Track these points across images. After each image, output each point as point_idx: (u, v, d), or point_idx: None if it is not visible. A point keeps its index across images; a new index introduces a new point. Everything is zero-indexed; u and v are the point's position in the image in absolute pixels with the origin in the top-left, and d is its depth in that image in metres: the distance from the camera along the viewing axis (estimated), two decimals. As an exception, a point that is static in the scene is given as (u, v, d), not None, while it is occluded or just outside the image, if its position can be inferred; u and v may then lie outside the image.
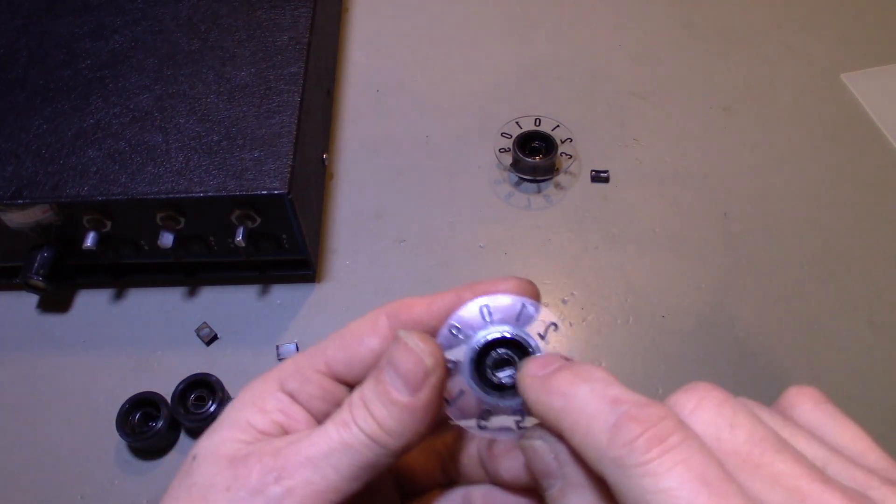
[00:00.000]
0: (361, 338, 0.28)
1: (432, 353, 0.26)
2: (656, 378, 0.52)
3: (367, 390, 0.27)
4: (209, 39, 0.57)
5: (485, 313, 0.28)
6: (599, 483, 0.23)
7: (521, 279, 0.29)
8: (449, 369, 0.28)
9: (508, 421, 0.28)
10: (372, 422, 0.26)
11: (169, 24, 0.58)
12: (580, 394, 0.22)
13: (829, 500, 0.19)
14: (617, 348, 0.54)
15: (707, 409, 0.21)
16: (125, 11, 0.59)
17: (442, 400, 0.27)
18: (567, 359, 0.29)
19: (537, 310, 0.29)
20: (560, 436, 0.23)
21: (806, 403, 0.23)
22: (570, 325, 0.55)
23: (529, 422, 0.26)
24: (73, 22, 0.58)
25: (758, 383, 0.52)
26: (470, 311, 0.28)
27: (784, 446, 0.20)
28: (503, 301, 0.28)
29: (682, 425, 0.20)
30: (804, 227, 0.60)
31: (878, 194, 0.62)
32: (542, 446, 0.25)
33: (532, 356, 0.26)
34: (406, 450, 0.27)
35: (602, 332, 0.55)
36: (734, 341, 0.54)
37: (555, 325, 0.29)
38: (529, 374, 0.25)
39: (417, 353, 0.26)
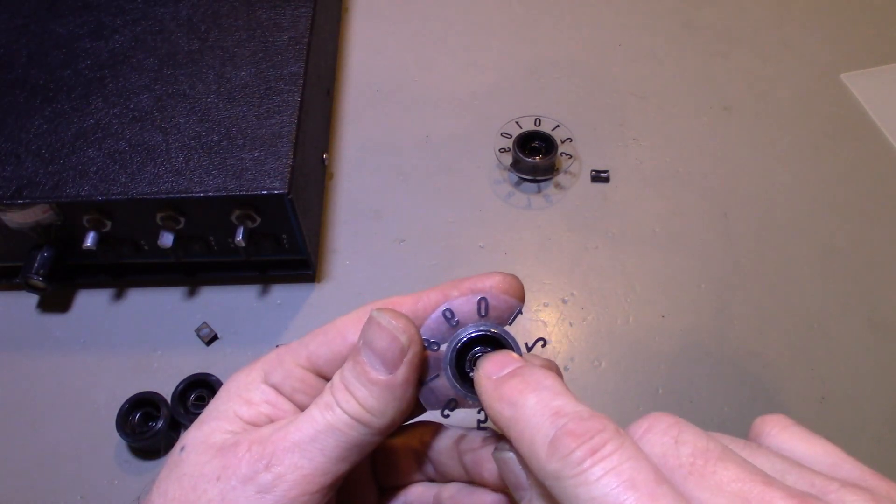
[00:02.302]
0: (345, 335, 0.29)
1: (406, 330, 0.26)
2: (656, 378, 0.52)
3: (346, 371, 0.27)
4: (209, 39, 0.57)
5: (481, 308, 0.28)
6: None
7: (506, 275, 0.29)
8: (433, 351, 0.28)
9: (475, 416, 0.29)
10: (354, 402, 0.26)
11: (169, 24, 0.58)
12: (527, 404, 0.23)
13: (771, 498, 0.19)
14: (617, 348, 0.54)
15: (655, 431, 0.22)
16: (125, 11, 0.59)
17: (419, 378, 0.28)
18: (549, 363, 0.29)
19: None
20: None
21: (773, 429, 0.24)
22: (571, 325, 0.55)
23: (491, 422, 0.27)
24: (73, 22, 0.58)
25: (758, 383, 0.52)
26: (468, 301, 0.28)
27: (728, 455, 0.21)
28: (501, 300, 0.29)
29: (618, 436, 0.21)
30: (804, 227, 0.60)
31: (877, 194, 0.62)
32: (513, 458, 0.25)
33: (491, 353, 0.27)
34: (391, 427, 0.27)
35: (602, 332, 0.55)
36: (734, 341, 0.54)
37: (543, 340, 0.29)
38: (484, 375, 0.25)
39: (391, 330, 0.26)
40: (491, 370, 0.25)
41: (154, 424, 0.48)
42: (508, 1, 0.77)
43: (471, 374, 0.28)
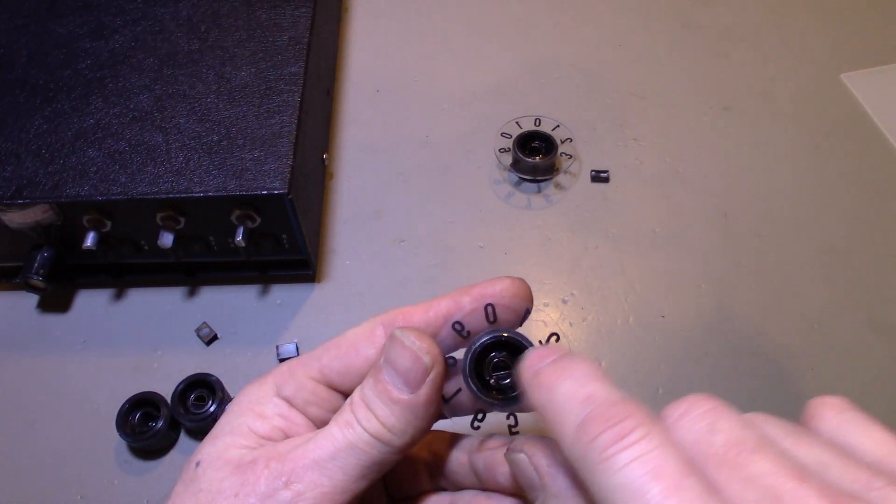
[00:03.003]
0: (357, 348, 0.29)
1: (429, 351, 0.26)
2: (656, 378, 0.52)
3: (367, 390, 0.27)
4: (209, 39, 0.57)
5: (489, 313, 0.28)
6: (581, 492, 0.23)
7: (515, 279, 0.29)
8: (449, 366, 0.28)
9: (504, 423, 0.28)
10: (375, 421, 0.26)
11: (169, 24, 0.58)
12: (560, 389, 0.22)
13: (804, 496, 0.18)
14: (617, 348, 0.54)
15: (691, 417, 0.21)
16: (125, 11, 0.59)
17: (441, 396, 0.27)
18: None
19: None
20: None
21: (827, 413, 0.23)
22: (571, 325, 0.55)
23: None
24: (73, 22, 0.58)
25: (758, 383, 0.52)
26: (475, 310, 0.28)
27: (763, 447, 0.20)
28: (509, 302, 0.28)
29: (647, 423, 0.20)
30: (804, 227, 0.60)
31: (878, 194, 0.62)
32: (524, 460, 0.25)
33: (534, 347, 0.26)
34: (410, 445, 0.27)
35: (602, 332, 0.55)
36: (734, 341, 0.54)
37: (556, 335, 0.29)
38: (526, 366, 0.25)
39: (414, 350, 0.26)
40: (533, 361, 0.25)
41: (154, 424, 0.48)
42: (508, 1, 0.77)
43: (491, 381, 0.28)
